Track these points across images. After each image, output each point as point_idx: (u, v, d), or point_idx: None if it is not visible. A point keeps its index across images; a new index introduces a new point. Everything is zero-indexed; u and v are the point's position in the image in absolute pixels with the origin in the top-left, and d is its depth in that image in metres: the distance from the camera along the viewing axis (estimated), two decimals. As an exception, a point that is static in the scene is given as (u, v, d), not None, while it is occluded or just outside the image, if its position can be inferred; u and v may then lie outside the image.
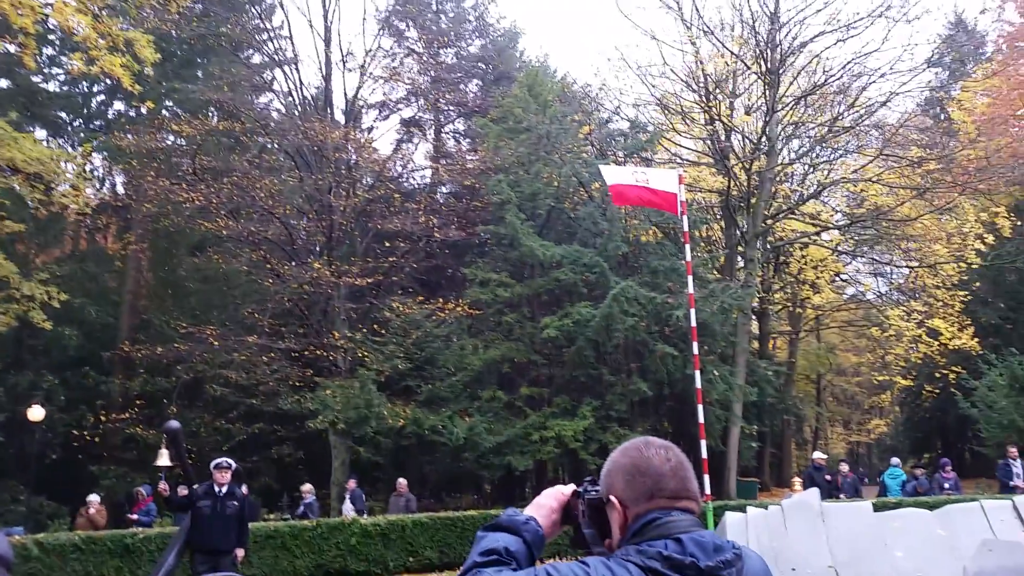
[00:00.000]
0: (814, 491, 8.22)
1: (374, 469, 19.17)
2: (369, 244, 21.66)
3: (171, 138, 21.01)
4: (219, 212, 19.31)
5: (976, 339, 20.78)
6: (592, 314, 17.78)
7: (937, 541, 7.07)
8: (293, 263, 19.62)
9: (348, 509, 14.24)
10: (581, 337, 18.09)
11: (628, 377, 18.86)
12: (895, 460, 16.34)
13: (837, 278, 26.90)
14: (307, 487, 15.09)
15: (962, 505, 8.01)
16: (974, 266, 21.07)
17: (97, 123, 24.09)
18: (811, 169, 24.33)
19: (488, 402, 18.54)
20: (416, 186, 24.70)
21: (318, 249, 21.69)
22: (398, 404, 17.73)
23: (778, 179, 23.51)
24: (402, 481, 14.81)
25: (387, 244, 20.52)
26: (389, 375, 18.17)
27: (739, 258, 22.58)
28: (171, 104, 23.22)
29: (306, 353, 18.98)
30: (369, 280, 19.46)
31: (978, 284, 22.34)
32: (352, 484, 14.88)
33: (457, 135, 27.68)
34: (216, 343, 18.08)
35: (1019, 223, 21.72)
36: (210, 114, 22.09)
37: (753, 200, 21.02)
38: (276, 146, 22.36)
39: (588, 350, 18.42)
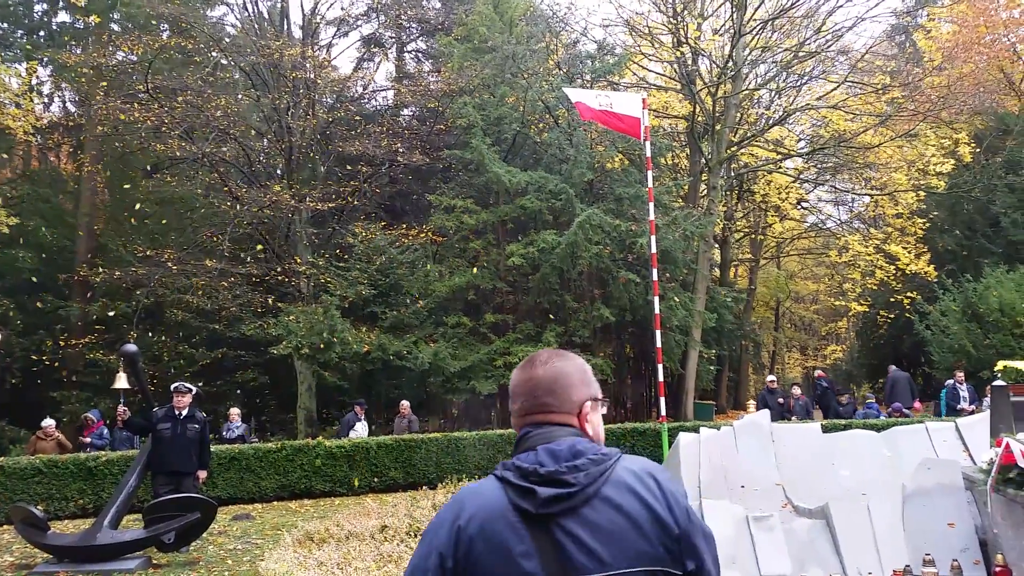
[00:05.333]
0: (765, 412, 8.48)
1: (340, 394, 19.30)
2: (331, 168, 21.25)
3: (120, 55, 20.13)
4: (173, 133, 18.73)
5: (932, 266, 21.27)
6: (557, 241, 17.80)
7: (881, 461, 7.37)
8: (252, 186, 19.21)
9: (359, 431, 14.18)
10: (546, 264, 18.14)
11: (591, 304, 19.05)
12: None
13: (799, 205, 27.18)
14: (234, 411, 14.88)
15: (907, 427, 8.34)
16: (936, 191, 21.40)
17: (40, 34, 22.98)
18: (776, 95, 24.24)
19: (453, 328, 18.65)
20: (378, 108, 24.12)
21: (278, 172, 21.24)
22: (363, 330, 17.74)
23: (743, 105, 23.41)
24: (404, 403, 14.98)
25: (349, 168, 20.15)
26: (353, 301, 18.11)
27: (703, 185, 22.63)
28: (119, 18, 22.20)
29: (267, 279, 18.80)
30: (331, 205, 19.17)
31: (936, 213, 22.74)
32: (359, 410, 14.77)
33: (420, 55, 26.95)
34: (174, 267, 17.80)
35: (979, 151, 21.98)
36: (161, 29, 21.17)
37: (718, 126, 20.95)
38: (231, 63, 21.59)
39: (553, 277, 18.51)
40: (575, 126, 19.47)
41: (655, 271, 9.97)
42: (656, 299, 10.05)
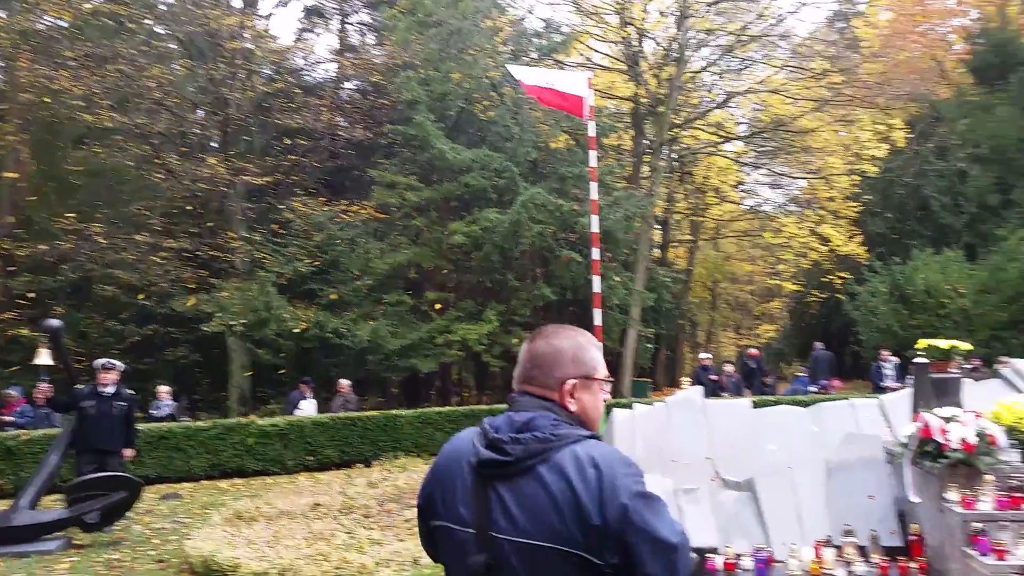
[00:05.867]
0: (698, 389, 8.61)
1: (275, 372, 18.97)
2: (269, 141, 20.72)
3: (48, 19, 19.20)
4: (104, 103, 18.00)
5: (864, 248, 21.89)
6: (500, 220, 17.73)
7: (808, 436, 7.56)
8: (186, 159, 18.62)
9: (306, 409, 13.87)
10: (488, 243, 18.06)
11: (533, 282, 19.07)
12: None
13: (738, 188, 27.65)
14: (163, 389, 14.29)
15: (833, 403, 8.59)
16: (870, 175, 21.97)
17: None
18: (719, 78, 24.53)
19: (393, 306, 18.47)
20: (319, 81, 23.58)
21: (214, 145, 20.61)
22: (300, 307, 17.43)
23: (687, 87, 23.62)
24: (343, 381, 14.70)
25: (288, 142, 19.68)
26: (291, 278, 17.77)
27: (645, 167, 22.81)
28: (44, -21, 21.14)
29: (200, 253, 18.30)
30: (268, 179, 18.71)
31: (869, 197, 23.38)
32: (305, 387, 14.47)
33: (363, 27, 26.40)
34: (103, 241, 17.18)
35: (912, 137, 22.62)
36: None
37: (661, 108, 21.09)
38: (166, 32, 20.81)
39: (495, 256, 18.46)
40: (520, 104, 19.36)
41: (596, 251, 10.00)
42: (597, 278, 10.08)
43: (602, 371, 1.85)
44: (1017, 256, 17.16)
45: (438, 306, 18.71)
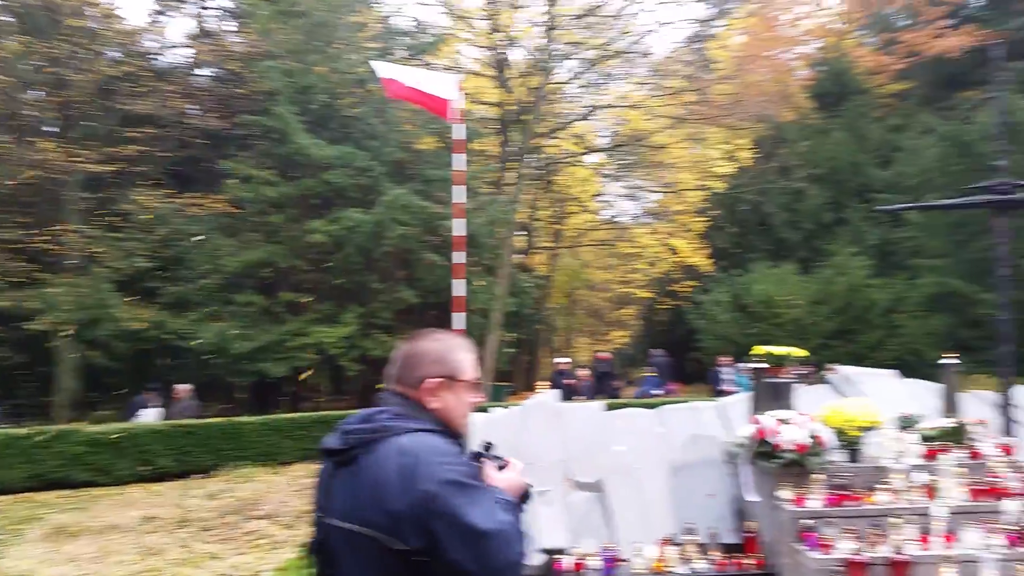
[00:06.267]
0: (554, 393, 8.73)
1: (109, 375, 17.61)
2: (113, 128, 19.28)
3: None
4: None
5: (712, 260, 23.08)
6: (363, 220, 17.31)
7: (655, 437, 7.82)
8: (18, 143, 17.00)
9: (149, 416, 12.71)
10: (350, 243, 17.60)
11: (395, 285, 18.76)
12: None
13: (597, 198, 28.49)
14: None
15: (676, 406, 8.95)
16: (717, 191, 23.19)
17: None
18: (583, 90, 25.18)
19: (243, 307, 17.59)
20: (171, 66, 22.19)
21: (54, 129, 18.93)
22: (138, 306, 16.27)
23: (552, 98, 24.08)
24: (181, 386, 13.60)
25: (134, 130, 18.37)
26: (130, 274, 16.56)
27: (510, 173, 23.04)
28: None
29: (29, 245, 16.72)
30: (110, 167, 17.37)
31: (717, 211, 24.69)
32: (151, 394, 13.30)
33: (223, 12, 25.13)
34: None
35: (758, 156, 24.08)
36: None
37: (527, 116, 21.38)
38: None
39: (356, 256, 18.01)
40: (387, 103, 19.03)
41: (459, 254, 9.91)
42: (459, 282, 9.99)
43: (469, 374, 1.93)
44: (846, 271, 18.63)
45: (304, 301, 17.99)
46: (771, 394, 6.64)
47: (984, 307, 15.97)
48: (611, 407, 9.83)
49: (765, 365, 6.78)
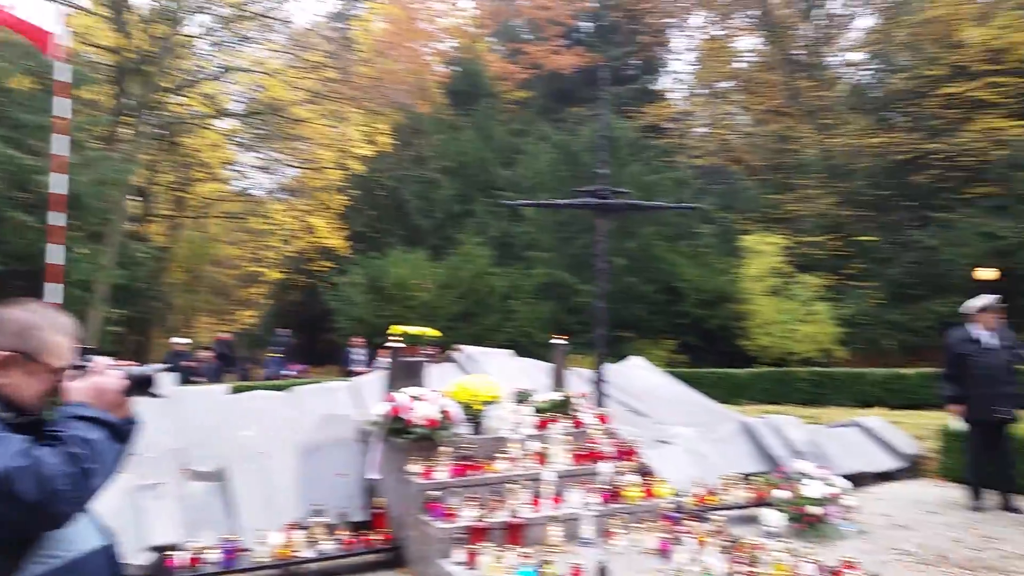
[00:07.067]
0: (168, 376, 7.90)
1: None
2: None
3: None
4: None
5: (350, 242, 23.06)
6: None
7: (284, 420, 7.48)
8: None
9: None
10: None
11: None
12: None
13: (229, 167, 26.73)
14: None
15: (309, 387, 8.71)
16: (357, 172, 23.20)
17: None
18: (216, 48, 23.36)
19: None
20: None
21: None
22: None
23: (180, 51, 21.93)
24: None
25: None
26: None
27: (126, 129, 20.47)
28: None
29: None
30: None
31: (356, 192, 24.74)
32: None
33: None
34: None
35: (397, 142, 24.62)
36: None
37: (150, 68, 19.16)
38: None
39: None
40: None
41: (58, 216, 8.42)
42: (57, 248, 8.49)
43: (56, 359, 1.75)
44: (471, 259, 19.99)
45: None
46: (406, 372, 6.75)
47: (583, 296, 18.35)
48: (237, 390, 9.25)
49: (401, 344, 6.87)
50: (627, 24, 29.46)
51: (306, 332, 24.37)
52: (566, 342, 8.03)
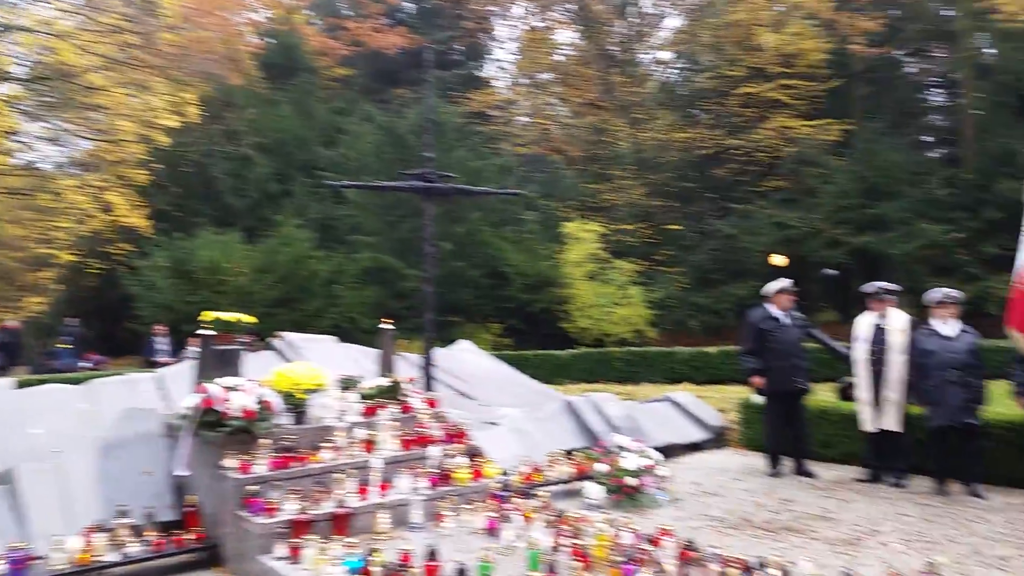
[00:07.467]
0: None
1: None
2: None
3: None
4: None
5: (152, 221, 21.26)
6: None
7: (80, 416, 6.82)
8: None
9: None
10: None
11: None
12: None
13: (11, 138, 23.84)
14: None
15: (107, 379, 7.99)
16: (161, 146, 21.40)
17: None
18: (-7, 4, 20.71)
19: None
20: None
21: None
22: None
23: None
24: None
25: None
26: None
27: None
28: None
29: None
30: None
31: (160, 166, 22.84)
32: None
33: None
34: None
35: (206, 114, 22.98)
36: None
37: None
38: None
39: None
40: None
41: None
42: None
43: None
44: (291, 242, 19.14)
45: None
46: (218, 362, 6.33)
47: (410, 281, 18.16)
48: (25, 384, 8.32)
49: (213, 332, 6.42)
50: (451, 8, 29.41)
51: (104, 320, 22.39)
52: (393, 327, 7.90)
